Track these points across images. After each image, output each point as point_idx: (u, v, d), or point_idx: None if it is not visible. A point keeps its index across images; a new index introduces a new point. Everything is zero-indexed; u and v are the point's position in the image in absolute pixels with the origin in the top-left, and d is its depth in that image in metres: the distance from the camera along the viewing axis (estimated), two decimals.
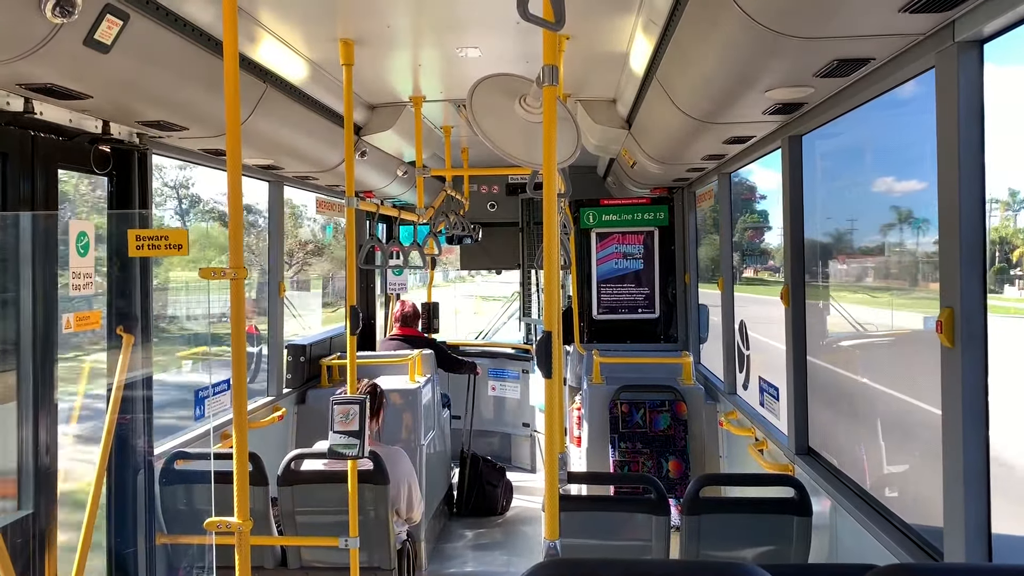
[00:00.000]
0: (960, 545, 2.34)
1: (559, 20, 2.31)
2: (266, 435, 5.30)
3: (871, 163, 3.89)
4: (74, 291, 3.36)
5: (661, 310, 7.29)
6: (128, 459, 3.84)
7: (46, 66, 2.66)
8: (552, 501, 2.49)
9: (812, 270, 4.10)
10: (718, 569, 1.46)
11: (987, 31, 2.24)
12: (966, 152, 2.30)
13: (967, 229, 2.31)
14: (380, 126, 5.47)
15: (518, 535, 6.83)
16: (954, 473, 2.36)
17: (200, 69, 3.29)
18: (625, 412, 5.88)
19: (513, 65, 4.30)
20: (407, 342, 7.03)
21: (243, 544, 2.78)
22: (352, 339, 3.88)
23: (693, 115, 3.72)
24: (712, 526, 3.41)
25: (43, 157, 3.23)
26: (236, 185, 2.71)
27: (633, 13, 3.59)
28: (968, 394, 2.31)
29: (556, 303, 2.64)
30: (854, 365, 3.88)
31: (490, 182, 9.20)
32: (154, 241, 2.64)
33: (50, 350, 3.27)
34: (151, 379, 3.91)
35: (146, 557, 3.89)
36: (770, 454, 4.42)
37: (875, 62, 2.74)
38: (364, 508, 4.09)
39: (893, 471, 3.41)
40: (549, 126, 2.49)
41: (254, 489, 3.95)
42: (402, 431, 5.75)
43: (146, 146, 3.86)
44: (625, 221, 7.31)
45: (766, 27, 2.40)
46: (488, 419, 8.64)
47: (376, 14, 3.56)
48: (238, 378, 2.75)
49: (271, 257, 5.75)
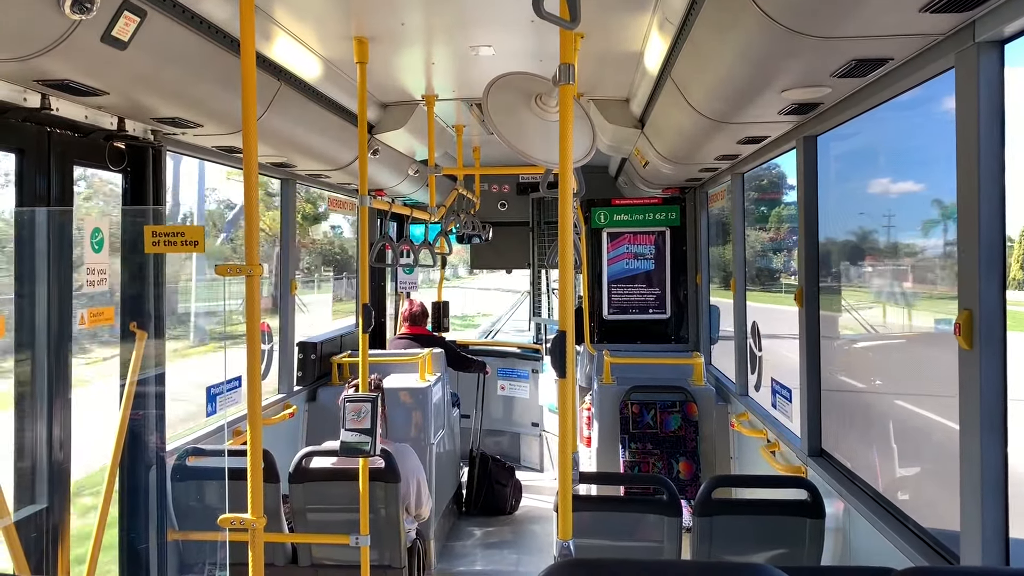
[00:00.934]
0: (977, 548, 2.33)
1: (575, 18, 2.31)
2: (277, 432, 5.30)
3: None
4: (88, 287, 3.38)
5: (672, 311, 7.27)
6: (140, 455, 3.85)
7: (63, 62, 2.67)
8: (566, 501, 2.49)
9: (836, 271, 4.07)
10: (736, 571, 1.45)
11: (1008, 31, 2.22)
12: (986, 153, 2.29)
13: (986, 231, 2.29)
14: (393, 124, 5.48)
15: (527, 534, 6.83)
16: (971, 476, 2.35)
17: (216, 66, 3.30)
18: (636, 413, 5.87)
19: (527, 64, 4.30)
20: (416, 341, 7.03)
21: (256, 541, 2.78)
22: (364, 337, 3.88)
23: (707, 115, 3.71)
24: (724, 528, 3.40)
25: (59, 153, 3.25)
26: (252, 182, 2.72)
27: (648, 12, 3.58)
28: (986, 396, 2.29)
29: (570, 302, 2.63)
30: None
31: (501, 181, 9.20)
32: (170, 237, 2.65)
33: (64, 345, 3.28)
34: (164, 375, 3.91)
35: (158, 553, 3.90)
36: (782, 456, 4.40)
37: (893, 62, 2.72)
38: (375, 506, 4.09)
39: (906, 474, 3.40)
40: (565, 125, 2.48)
41: (266, 486, 3.95)
42: (412, 429, 5.75)
43: (160, 143, 3.87)
44: (636, 221, 7.30)
45: (784, 26, 2.39)
46: (497, 418, 8.63)
47: (391, 12, 3.56)
48: (252, 375, 2.76)
49: (283, 255, 5.76)
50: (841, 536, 3.54)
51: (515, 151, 2.83)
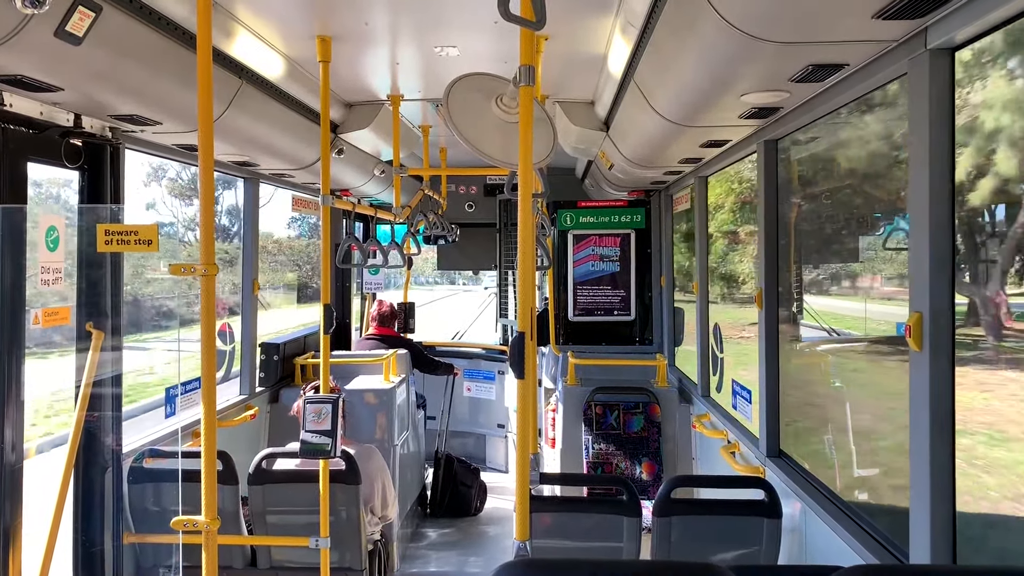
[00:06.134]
0: (925, 546, 2.37)
1: (540, 20, 2.31)
2: (238, 434, 5.25)
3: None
4: (42, 285, 3.32)
5: (637, 312, 7.31)
6: (96, 457, 3.79)
7: (16, 57, 2.62)
8: (523, 502, 2.49)
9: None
10: (685, 570, 1.46)
11: (958, 39, 2.26)
12: (936, 157, 2.33)
13: (936, 234, 2.33)
14: (357, 124, 5.44)
15: (491, 536, 6.83)
16: (920, 474, 2.39)
17: (174, 63, 3.26)
18: (599, 414, 5.89)
19: (492, 65, 4.29)
20: (383, 342, 7.00)
21: (210, 543, 2.75)
22: (326, 338, 3.85)
23: (670, 118, 3.73)
24: (683, 528, 3.42)
25: (12, 150, 3.18)
26: (208, 181, 2.68)
27: (611, 15, 3.60)
28: (935, 397, 2.33)
29: (531, 304, 2.63)
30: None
31: (468, 182, 9.20)
32: (123, 236, 2.61)
33: (18, 346, 3.22)
34: (121, 376, 3.86)
35: (113, 556, 3.84)
36: (742, 456, 4.44)
37: (849, 67, 2.76)
38: (335, 508, 4.07)
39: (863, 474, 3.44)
40: (525, 126, 2.49)
41: (224, 488, 3.92)
42: (376, 431, 5.72)
43: (119, 140, 3.82)
44: (602, 223, 7.33)
45: (743, 32, 2.41)
46: (463, 420, 8.62)
47: (354, 11, 3.54)
48: (207, 376, 2.72)
49: (245, 255, 5.70)
50: (798, 536, 3.58)
51: (475, 151, 2.83)
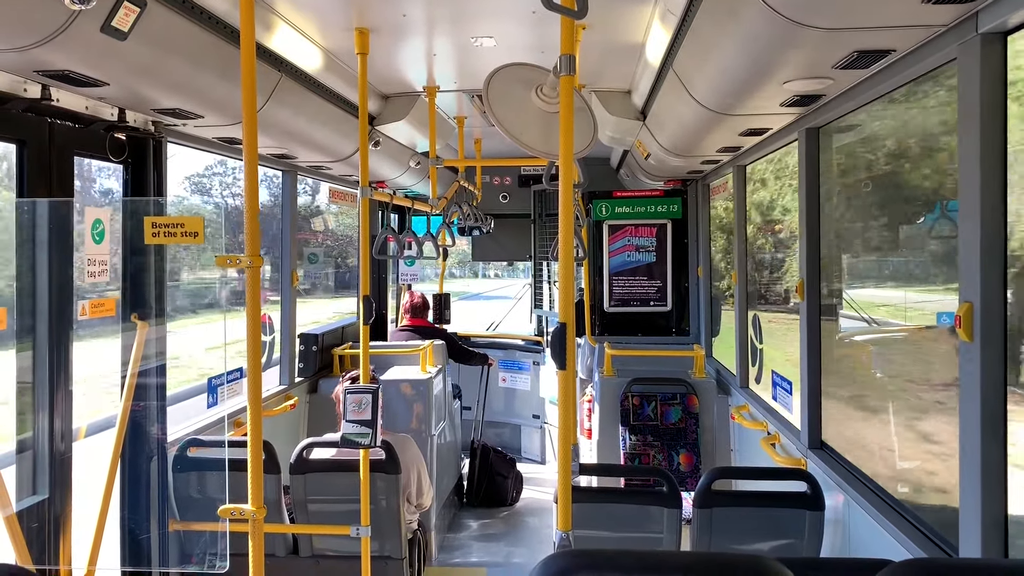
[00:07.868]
0: (976, 540, 2.33)
1: (581, 9, 2.30)
2: (278, 424, 5.32)
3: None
4: (89, 278, 3.38)
5: (673, 303, 7.27)
6: (142, 446, 3.86)
7: (63, 53, 2.67)
8: (565, 492, 2.49)
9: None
10: (735, 561, 1.45)
11: (1011, 23, 2.21)
12: (987, 145, 2.28)
13: (987, 223, 2.28)
14: (394, 116, 5.46)
15: (528, 526, 6.84)
16: (971, 467, 2.35)
17: (216, 57, 3.29)
18: (636, 405, 5.87)
19: (528, 55, 4.28)
20: (417, 333, 7.04)
21: (257, 532, 2.79)
22: (365, 329, 3.88)
23: (709, 107, 3.70)
24: (724, 519, 3.41)
25: (59, 144, 3.25)
26: (253, 173, 2.71)
27: (651, 3, 3.57)
28: (986, 388, 2.29)
29: (571, 295, 2.63)
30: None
31: (503, 173, 9.19)
32: (169, 229, 2.65)
33: (65, 336, 3.28)
34: (165, 367, 3.92)
35: (159, 543, 3.91)
36: (783, 448, 4.40)
37: (895, 54, 2.71)
38: (376, 497, 4.10)
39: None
40: (566, 116, 2.48)
41: (267, 477, 3.96)
42: (413, 421, 5.76)
43: (161, 134, 3.87)
44: (638, 213, 7.29)
45: (787, 18, 2.38)
46: (499, 410, 8.64)
47: (393, 3, 3.55)
48: (253, 366, 2.76)
49: (284, 246, 5.76)
50: (841, 528, 3.54)
51: (516, 142, 2.82)
